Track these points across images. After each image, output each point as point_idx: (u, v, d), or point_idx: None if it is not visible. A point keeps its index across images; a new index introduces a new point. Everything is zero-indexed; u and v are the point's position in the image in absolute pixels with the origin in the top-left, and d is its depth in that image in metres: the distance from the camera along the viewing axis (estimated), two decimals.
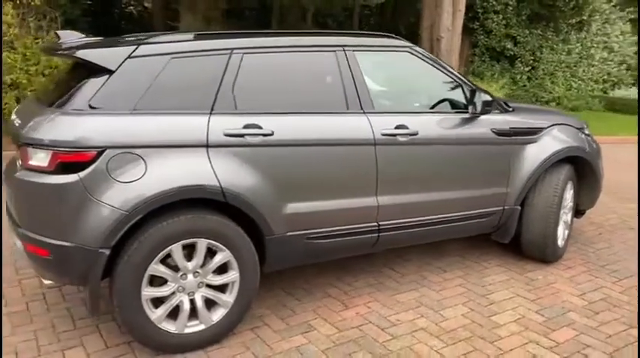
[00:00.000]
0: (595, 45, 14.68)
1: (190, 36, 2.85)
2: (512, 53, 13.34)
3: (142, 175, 2.54)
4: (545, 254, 3.90)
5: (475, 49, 13.60)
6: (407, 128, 3.19)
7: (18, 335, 2.92)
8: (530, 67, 13.65)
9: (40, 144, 2.48)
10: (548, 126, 3.81)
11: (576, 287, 3.63)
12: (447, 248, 4.20)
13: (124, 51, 2.63)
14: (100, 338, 2.90)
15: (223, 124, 2.72)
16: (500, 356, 2.80)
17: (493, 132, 3.53)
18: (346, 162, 3.04)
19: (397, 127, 3.17)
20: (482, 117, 3.47)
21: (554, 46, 13.75)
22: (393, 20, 18.52)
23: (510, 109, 3.73)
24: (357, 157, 3.07)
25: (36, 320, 3.08)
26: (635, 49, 16.21)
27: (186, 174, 2.63)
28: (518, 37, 13.16)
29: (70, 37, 3.03)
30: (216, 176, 2.67)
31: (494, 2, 12.86)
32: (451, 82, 3.53)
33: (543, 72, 13.79)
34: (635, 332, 3.05)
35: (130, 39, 2.92)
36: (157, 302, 2.70)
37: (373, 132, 3.08)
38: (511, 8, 12.86)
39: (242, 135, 2.75)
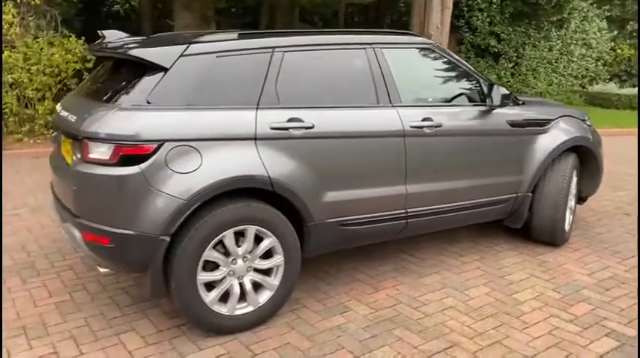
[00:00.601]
0: (574, 42, 15.15)
1: (234, 35, 3.01)
2: (496, 50, 13.70)
3: (198, 166, 2.70)
4: (554, 238, 4.17)
5: (461, 45, 13.92)
6: (432, 120, 3.41)
7: (70, 323, 3.06)
8: (513, 64, 14.03)
9: (102, 138, 2.61)
10: (556, 118, 4.07)
11: (585, 267, 3.90)
12: (460, 234, 4.44)
13: (176, 50, 2.78)
14: (150, 323, 3.06)
15: (269, 118, 2.90)
16: (526, 329, 3.03)
17: (508, 123, 3.77)
18: (378, 152, 3.25)
19: (424, 120, 3.38)
20: (498, 109, 3.71)
21: (536, 42, 14.16)
22: (377, 19, 18.82)
23: (521, 102, 3.98)
24: (388, 148, 3.27)
25: (84, 309, 3.22)
26: (611, 45, 16.78)
27: (238, 165, 2.80)
28: (502, 35, 13.52)
29: (115, 36, 3.17)
30: (264, 167, 2.85)
31: (479, 0, 13.20)
32: (469, 77, 3.76)
33: (526, 68, 14.19)
34: None
35: (175, 37, 3.07)
36: (209, 286, 2.86)
37: (402, 124, 3.30)
38: (495, 6, 13.21)
39: (286, 129, 2.93)
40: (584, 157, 4.32)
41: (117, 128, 2.62)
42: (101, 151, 2.63)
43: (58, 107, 3.33)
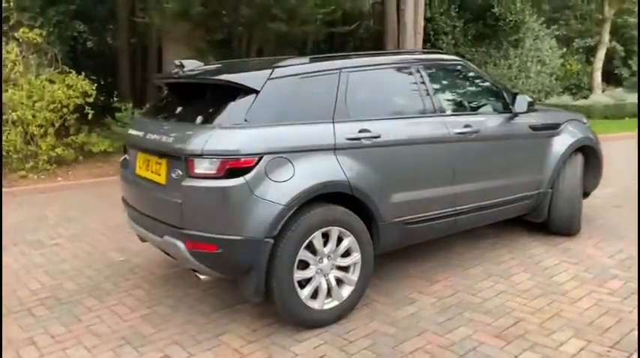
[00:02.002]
0: (530, 59, 16.23)
1: (306, 59, 3.38)
2: None
3: (292, 175, 3.02)
4: (570, 229, 4.66)
5: None
6: (471, 127, 3.86)
7: (166, 331, 3.27)
8: None
9: (209, 155, 2.91)
10: (565, 121, 4.61)
11: (603, 251, 4.39)
12: (482, 233, 4.85)
13: (264, 74, 3.12)
14: (241, 325, 3.31)
15: (344, 130, 3.26)
16: (575, 303, 3.45)
17: (530, 127, 4.27)
18: (432, 157, 3.66)
19: (465, 126, 3.82)
20: (521, 115, 4.20)
21: (497, 61, 15.12)
22: (342, 45, 19.56)
23: (535, 109, 4.50)
24: (439, 152, 3.69)
25: (171, 319, 3.43)
26: (561, 61, 18.03)
27: (324, 172, 3.14)
28: (466, 55, 14.38)
29: (193, 65, 3.48)
30: (344, 173, 3.20)
31: (443, 24, 14.06)
32: (493, 88, 4.25)
33: None
34: None
35: (254, 64, 3.41)
36: (300, 284, 3.16)
37: (449, 131, 3.73)
38: (459, 29, 14.11)
39: (359, 139, 3.30)
40: (588, 156, 4.86)
41: (222, 145, 2.92)
42: (207, 166, 2.92)
43: (133, 131, 3.59)
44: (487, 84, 4.23)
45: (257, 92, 3.06)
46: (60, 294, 3.90)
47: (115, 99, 9.48)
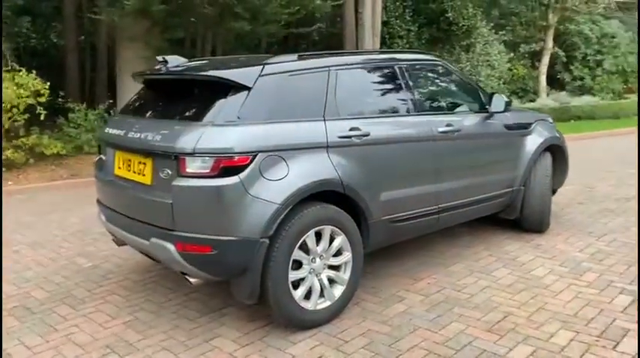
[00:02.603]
0: (480, 63, 16.73)
1: (295, 57, 3.33)
2: None
3: (287, 174, 2.96)
4: (541, 225, 4.81)
5: None
6: (452, 126, 3.91)
7: (152, 337, 3.14)
8: None
9: (202, 153, 2.81)
10: (535, 121, 4.75)
11: (573, 246, 4.55)
12: (454, 232, 4.92)
13: (255, 70, 3.05)
14: (231, 329, 3.22)
15: (335, 128, 3.23)
16: (557, 296, 3.55)
17: (504, 127, 4.38)
18: (418, 155, 3.69)
19: (447, 125, 3.87)
20: (496, 115, 4.30)
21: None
22: (295, 46, 19.58)
23: (509, 109, 4.61)
24: (424, 151, 3.72)
25: (156, 325, 3.30)
26: (509, 65, 18.70)
27: (318, 170, 3.10)
28: None
29: (177, 61, 3.35)
30: (336, 172, 3.17)
31: (398, 28, 14.27)
32: (470, 87, 4.34)
33: None
34: (634, 269, 4.00)
35: (243, 60, 3.33)
36: (294, 285, 3.10)
37: (433, 130, 3.76)
38: (413, 33, 14.36)
39: (349, 137, 3.28)
40: (555, 154, 5.03)
41: (215, 143, 2.83)
42: (200, 165, 2.82)
43: (110, 130, 3.44)
44: (465, 83, 4.32)
45: (249, 89, 2.98)
46: (29, 303, 3.68)
47: (61, 99, 9.07)
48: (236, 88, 2.98)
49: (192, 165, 2.83)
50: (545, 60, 18.60)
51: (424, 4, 14.48)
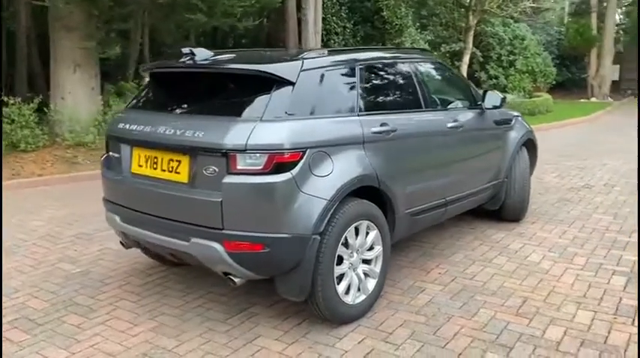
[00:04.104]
0: None
1: (326, 51, 3.31)
2: None
3: (332, 170, 2.96)
4: (520, 215, 5.12)
5: None
6: (457, 121, 4.08)
7: (190, 342, 3.02)
8: None
9: (255, 149, 2.73)
10: (513, 117, 5.06)
11: (551, 233, 4.89)
12: (439, 225, 5.08)
13: (296, 65, 3.00)
14: (269, 328, 3.17)
15: (368, 124, 3.26)
16: (560, 280, 3.82)
17: (493, 122, 4.62)
18: (433, 149, 3.81)
19: (454, 121, 4.03)
20: (487, 111, 4.53)
21: None
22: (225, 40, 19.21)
23: None
24: (437, 145, 3.85)
25: (187, 329, 3.17)
26: None
27: (358, 166, 3.12)
28: None
29: (204, 54, 3.21)
30: (372, 167, 3.21)
31: (335, 25, 14.44)
32: (464, 84, 4.54)
33: None
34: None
35: (276, 54, 3.25)
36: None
37: (443, 125, 3.91)
38: (349, 30, 14.60)
39: (381, 132, 3.33)
40: (527, 146, 5.37)
41: (267, 139, 2.76)
42: (252, 162, 2.75)
43: (126, 125, 3.24)
44: (459, 80, 4.50)
45: (293, 84, 2.94)
46: (30, 314, 3.39)
47: None
48: (280, 82, 2.92)
49: (244, 162, 2.75)
50: (466, 59, 19.57)
51: (359, 3, 14.77)
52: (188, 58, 3.19)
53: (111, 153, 3.43)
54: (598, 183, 6.95)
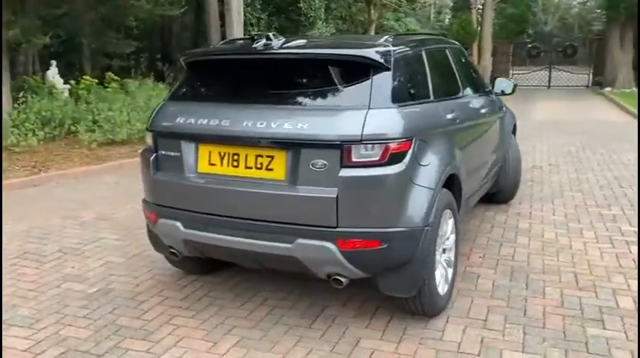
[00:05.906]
0: None
1: (391, 37, 3.18)
2: None
3: (431, 158, 2.87)
4: (511, 196, 5.38)
5: None
6: (485, 108, 4.17)
7: (291, 354, 2.76)
8: None
9: (369, 140, 2.55)
10: (502, 105, 5.29)
11: (544, 212, 5.19)
12: None
13: (389, 51, 2.85)
14: (363, 328, 2.99)
15: (444, 111, 3.21)
16: (589, 254, 4.05)
17: (498, 108, 4.80)
18: (479, 134, 3.92)
19: (482, 107, 4.11)
20: (494, 97, 4.68)
21: None
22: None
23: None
24: (480, 130, 3.94)
25: (279, 340, 2.90)
26: None
27: (446, 154, 3.06)
28: None
29: (280, 39, 2.93)
30: (452, 154, 3.16)
31: (250, 16, 14.06)
32: (476, 70, 4.65)
33: None
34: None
35: (359, 38, 3.04)
36: None
37: (479, 111, 3.98)
38: (264, 21, 14.31)
39: (453, 119, 3.29)
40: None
41: (382, 128, 2.61)
42: (368, 153, 2.57)
43: (188, 119, 2.89)
44: (473, 66, 4.60)
45: (389, 69, 2.79)
46: (79, 345, 2.89)
47: None
48: (378, 68, 2.76)
49: (359, 154, 2.56)
50: None
51: None
52: (263, 43, 2.89)
53: (163, 151, 3.01)
54: (543, 163, 7.52)
